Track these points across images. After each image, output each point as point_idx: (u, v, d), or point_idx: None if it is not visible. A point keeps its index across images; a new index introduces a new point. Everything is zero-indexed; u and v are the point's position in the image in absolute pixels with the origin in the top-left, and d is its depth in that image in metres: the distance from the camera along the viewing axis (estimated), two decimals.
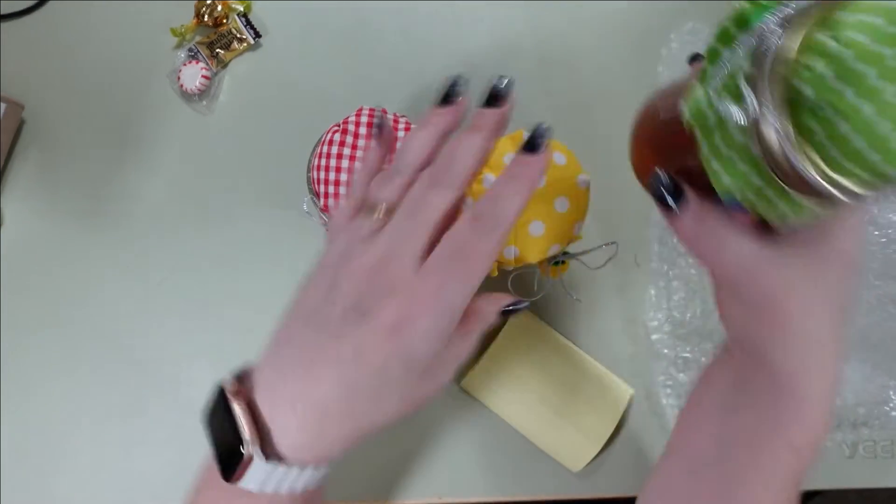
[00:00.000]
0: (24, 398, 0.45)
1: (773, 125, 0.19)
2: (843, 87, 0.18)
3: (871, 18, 0.18)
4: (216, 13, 0.50)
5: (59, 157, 0.49)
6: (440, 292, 0.25)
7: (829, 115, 0.19)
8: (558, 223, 0.35)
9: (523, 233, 0.35)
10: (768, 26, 0.20)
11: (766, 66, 0.19)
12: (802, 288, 0.25)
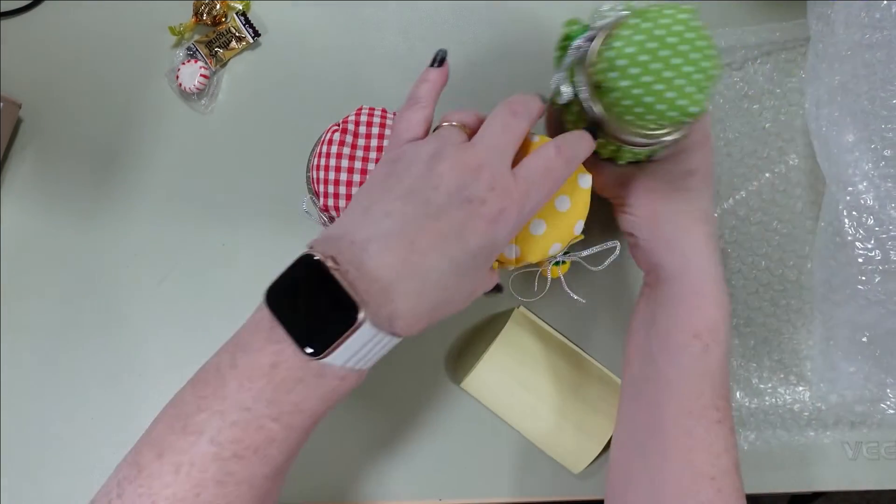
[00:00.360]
0: (23, 398, 0.47)
1: (588, 99, 0.37)
2: (612, 73, 0.35)
3: (631, 34, 0.35)
4: (215, 12, 0.52)
5: (56, 155, 0.51)
6: (528, 197, 0.31)
7: (611, 90, 0.36)
8: (559, 222, 0.36)
9: (524, 232, 0.36)
10: (581, 42, 0.37)
11: (581, 65, 0.37)
12: (671, 213, 0.39)
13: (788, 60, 0.49)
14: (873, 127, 0.39)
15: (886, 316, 0.44)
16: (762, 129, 0.50)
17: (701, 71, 0.35)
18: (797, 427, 0.46)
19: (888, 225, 0.42)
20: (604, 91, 0.37)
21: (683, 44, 0.34)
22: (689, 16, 0.35)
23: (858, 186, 0.41)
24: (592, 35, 0.38)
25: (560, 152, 0.33)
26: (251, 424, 0.29)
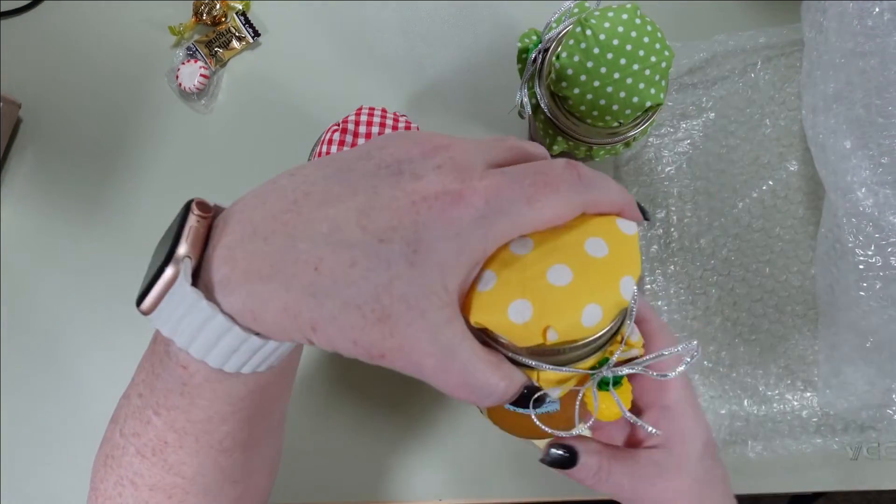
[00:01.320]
0: (23, 398, 0.50)
1: (548, 109, 0.43)
2: (563, 82, 0.41)
3: (576, 42, 0.40)
4: (215, 12, 0.56)
5: (56, 155, 0.54)
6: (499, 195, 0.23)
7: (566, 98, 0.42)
8: (593, 273, 0.24)
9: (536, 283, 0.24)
10: (535, 54, 0.43)
11: (538, 77, 0.43)
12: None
13: (788, 66, 0.53)
14: (870, 134, 0.43)
15: (889, 321, 0.47)
16: (763, 134, 0.53)
17: (650, 66, 0.40)
18: (805, 435, 0.49)
19: (888, 231, 0.45)
20: (561, 99, 0.42)
21: (628, 43, 0.39)
22: (631, 14, 0.40)
23: (857, 193, 0.44)
24: (546, 47, 0.43)
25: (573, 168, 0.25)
26: (142, 414, 0.27)
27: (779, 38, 0.53)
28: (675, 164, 0.53)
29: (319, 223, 0.23)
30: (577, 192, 0.24)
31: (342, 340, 0.23)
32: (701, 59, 0.53)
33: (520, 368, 0.25)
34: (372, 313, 0.22)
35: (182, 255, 0.23)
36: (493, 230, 0.23)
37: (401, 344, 0.22)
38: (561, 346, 0.24)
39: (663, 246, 0.52)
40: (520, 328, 0.23)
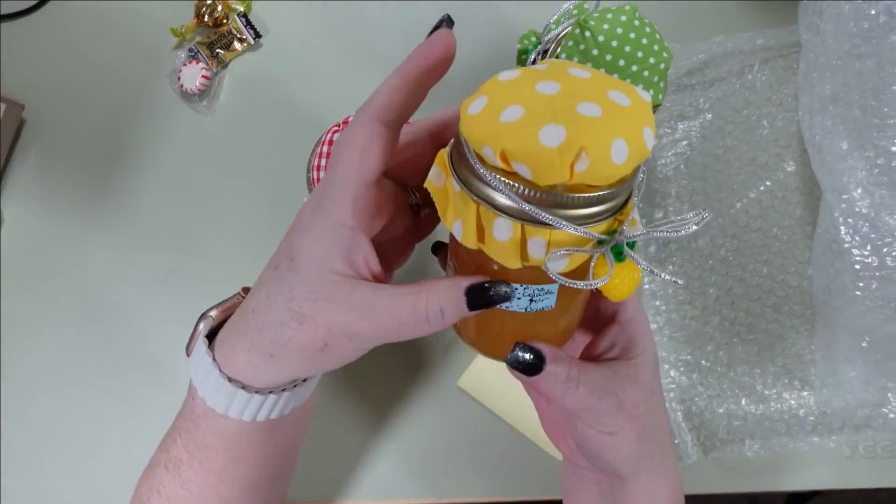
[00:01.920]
0: (24, 398, 0.50)
1: None
2: None
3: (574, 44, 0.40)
4: (216, 13, 0.56)
5: (59, 156, 0.55)
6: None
7: None
8: (619, 113, 0.24)
9: (568, 112, 0.23)
10: (535, 56, 0.44)
11: None
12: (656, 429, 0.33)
13: (785, 67, 0.54)
14: (866, 135, 0.43)
15: (885, 321, 0.47)
16: (760, 135, 0.54)
17: (648, 67, 0.40)
18: (803, 433, 0.50)
19: (883, 231, 0.45)
20: None
21: (627, 44, 0.40)
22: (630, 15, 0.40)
23: (853, 194, 0.45)
24: (545, 48, 0.43)
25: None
26: (172, 434, 0.34)
27: (776, 39, 0.54)
28: (673, 164, 0.54)
29: (255, 288, 0.31)
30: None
31: (292, 353, 0.29)
32: (699, 61, 0.54)
33: (534, 228, 0.24)
34: (293, 321, 0.28)
35: (208, 314, 0.33)
36: (327, 198, 0.28)
37: (327, 330, 0.28)
38: (582, 190, 0.24)
39: (661, 246, 0.53)
40: (551, 154, 0.23)
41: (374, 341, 0.29)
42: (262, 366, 0.30)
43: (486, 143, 0.24)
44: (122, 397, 0.51)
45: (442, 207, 0.27)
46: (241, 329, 0.31)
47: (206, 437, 0.32)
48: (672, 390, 0.50)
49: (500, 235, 0.25)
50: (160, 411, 0.51)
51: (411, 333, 0.28)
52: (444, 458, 0.49)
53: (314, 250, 0.28)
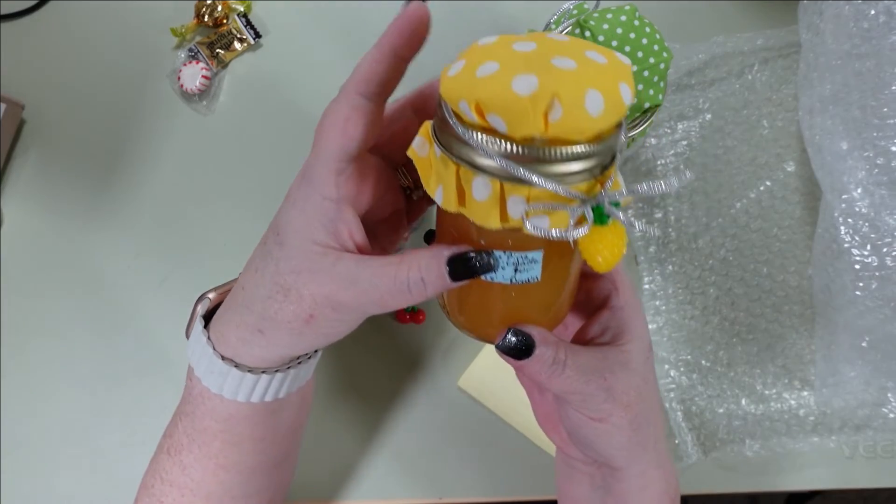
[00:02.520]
0: (24, 398, 0.51)
1: None
2: None
3: None
4: (216, 13, 0.56)
5: (58, 156, 0.55)
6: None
7: None
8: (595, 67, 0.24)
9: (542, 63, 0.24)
10: None
11: None
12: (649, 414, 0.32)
13: (785, 67, 0.54)
14: (866, 135, 0.43)
15: (885, 321, 0.47)
16: (760, 135, 0.54)
17: (648, 67, 0.40)
18: (803, 433, 0.50)
19: (883, 231, 0.46)
20: None
21: (627, 44, 0.40)
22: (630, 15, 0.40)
23: (853, 194, 0.45)
24: None
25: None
26: (174, 419, 0.35)
27: (776, 40, 0.54)
28: (672, 164, 0.54)
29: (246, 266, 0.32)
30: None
31: (279, 326, 0.29)
32: (699, 61, 0.54)
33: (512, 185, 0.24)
34: (279, 294, 0.29)
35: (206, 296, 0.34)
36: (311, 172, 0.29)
37: (312, 301, 0.28)
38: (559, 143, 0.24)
39: (661, 246, 0.53)
40: (523, 102, 0.23)
41: (357, 312, 0.29)
42: (251, 341, 0.30)
43: (462, 97, 0.24)
44: (122, 397, 0.51)
45: (425, 175, 0.27)
46: (231, 305, 0.31)
47: (203, 420, 0.33)
48: (672, 390, 0.50)
49: (479, 195, 0.25)
50: (161, 411, 0.51)
51: (394, 303, 0.28)
52: (444, 458, 0.49)
53: (298, 223, 0.29)
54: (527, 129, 0.23)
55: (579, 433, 0.32)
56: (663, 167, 0.54)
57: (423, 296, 0.28)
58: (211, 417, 0.32)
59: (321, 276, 0.28)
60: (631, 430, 0.31)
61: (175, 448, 0.34)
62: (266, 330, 0.30)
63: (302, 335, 0.30)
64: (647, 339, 0.33)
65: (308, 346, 0.31)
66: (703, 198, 0.53)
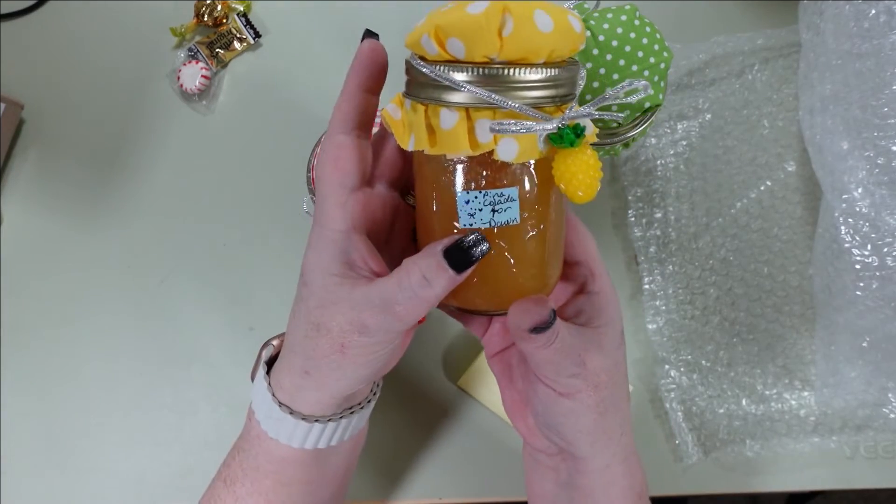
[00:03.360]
0: (24, 398, 0.51)
1: None
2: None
3: None
4: (216, 13, 0.56)
5: (58, 156, 0.55)
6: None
7: None
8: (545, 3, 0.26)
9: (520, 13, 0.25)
10: None
11: None
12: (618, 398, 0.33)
13: (786, 67, 0.54)
14: (866, 135, 0.43)
15: (885, 321, 0.47)
16: (761, 135, 0.54)
17: (648, 67, 0.40)
18: (803, 434, 0.50)
19: (884, 231, 0.46)
20: None
21: (627, 44, 0.40)
22: (630, 15, 0.41)
23: (853, 194, 0.45)
24: None
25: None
26: (233, 451, 0.37)
27: (777, 39, 0.54)
28: (672, 164, 0.54)
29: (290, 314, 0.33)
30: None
31: (320, 364, 0.31)
32: (699, 61, 0.54)
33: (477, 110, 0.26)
34: (312, 331, 0.31)
35: (270, 342, 0.36)
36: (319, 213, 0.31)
37: (339, 330, 0.30)
38: (517, 64, 0.25)
39: (661, 246, 0.53)
40: (478, 18, 0.25)
41: (384, 332, 0.30)
42: (303, 385, 0.32)
43: (423, 32, 0.26)
44: (122, 396, 0.51)
45: (398, 133, 0.29)
46: (284, 353, 0.33)
47: (257, 458, 0.35)
48: (672, 390, 0.50)
49: (446, 124, 0.26)
50: (160, 413, 0.51)
51: (411, 312, 0.29)
52: (444, 458, 0.49)
53: (314, 261, 0.31)
54: (484, 48, 0.25)
55: (547, 412, 0.33)
56: (663, 167, 0.54)
57: (434, 295, 0.28)
58: (265, 458, 0.34)
59: (341, 305, 0.29)
60: (597, 413, 0.32)
61: (231, 479, 0.36)
62: (311, 370, 0.31)
63: (341, 367, 0.31)
64: (620, 325, 0.34)
65: (352, 378, 0.32)
66: (703, 198, 0.53)
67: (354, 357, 0.30)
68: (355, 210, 0.30)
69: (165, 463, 0.50)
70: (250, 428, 0.35)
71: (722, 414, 0.50)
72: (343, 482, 0.39)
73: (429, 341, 0.51)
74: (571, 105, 0.27)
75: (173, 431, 0.50)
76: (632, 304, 0.53)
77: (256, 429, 0.34)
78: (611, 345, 0.33)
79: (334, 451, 0.35)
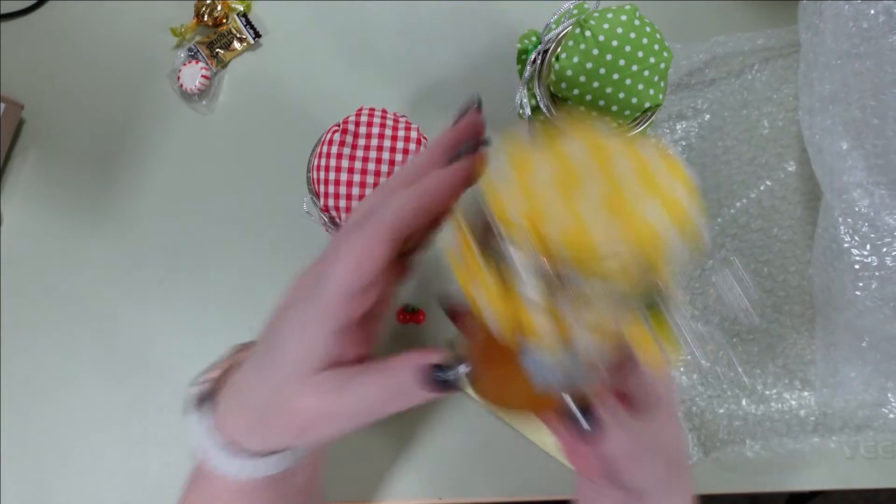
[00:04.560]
0: (24, 399, 0.51)
1: (548, 110, 0.44)
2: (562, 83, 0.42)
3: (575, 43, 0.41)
4: (216, 13, 0.56)
5: (58, 156, 0.55)
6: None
7: (566, 99, 0.42)
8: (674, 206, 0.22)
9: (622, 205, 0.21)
10: (535, 55, 0.44)
11: (538, 78, 0.44)
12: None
13: (785, 67, 0.54)
14: (865, 135, 0.44)
15: (885, 321, 0.47)
16: (760, 135, 0.54)
17: (649, 67, 0.40)
18: (803, 434, 0.50)
19: (883, 231, 0.46)
20: (561, 100, 0.43)
21: (627, 44, 0.40)
22: (630, 15, 0.41)
23: (853, 194, 0.45)
24: (545, 48, 0.43)
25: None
26: (185, 493, 0.35)
27: (776, 39, 0.54)
28: None
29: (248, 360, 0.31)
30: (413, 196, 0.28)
31: (275, 431, 0.30)
32: (699, 61, 0.54)
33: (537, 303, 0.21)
34: (272, 405, 0.29)
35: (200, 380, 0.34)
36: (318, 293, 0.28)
37: (304, 414, 0.28)
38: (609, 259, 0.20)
39: None
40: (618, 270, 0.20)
41: (352, 421, 0.29)
42: (249, 436, 0.31)
43: (542, 255, 0.21)
44: (122, 397, 0.51)
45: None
46: (231, 395, 0.31)
47: (213, 492, 0.33)
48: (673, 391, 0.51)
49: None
50: (159, 413, 0.51)
51: (386, 411, 0.28)
52: (445, 457, 0.50)
53: (295, 346, 0.29)
54: (578, 246, 0.20)
55: (617, 476, 0.31)
56: None
57: (415, 402, 0.28)
58: (222, 488, 0.33)
59: (313, 395, 0.28)
60: (667, 471, 0.31)
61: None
62: (262, 434, 0.30)
63: (299, 439, 0.30)
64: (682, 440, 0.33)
65: (310, 445, 0.31)
66: (703, 198, 0.53)
67: (315, 435, 0.30)
68: (355, 310, 0.28)
69: (165, 463, 0.50)
70: (198, 463, 0.33)
71: (722, 414, 0.51)
72: (314, 490, 0.38)
73: (429, 341, 0.52)
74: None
75: (173, 431, 0.50)
76: None
77: (206, 465, 0.32)
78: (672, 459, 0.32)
79: (296, 470, 0.34)
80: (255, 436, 0.30)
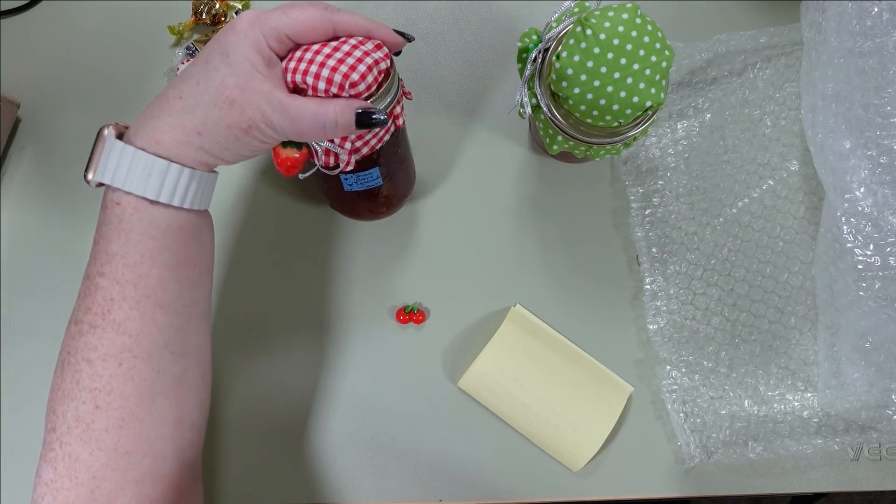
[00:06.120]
0: (23, 398, 0.51)
1: (549, 108, 0.44)
2: (563, 82, 0.42)
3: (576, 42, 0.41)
4: (214, 11, 0.56)
5: (55, 154, 0.55)
6: (258, 13, 0.36)
7: (567, 98, 0.42)
8: None
9: None
10: (535, 54, 0.44)
11: (539, 77, 0.44)
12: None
13: (788, 66, 0.54)
14: (869, 134, 0.44)
15: (888, 321, 0.47)
16: (763, 134, 0.54)
17: (650, 66, 0.40)
18: (806, 435, 0.50)
19: (886, 231, 0.46)
20: (562, 99, 0.43)
21: (628, 42, 0.40)
22: (631, 14, 0.41)
23: (856, 193, 0.45)
24: (546, 46, 0.43)
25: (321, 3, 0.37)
26: (90, 285, 0.36)
27: (779, 37, 0.54)
28: (673, 163, 0.54)
29: (178, 81, 0.37)
30: (323, 10, 0.36)
31: (219, 129, 0.35)
32: (701, 59, 0.54)
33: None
34: (224, 103, 0.34)
35: (107, 126, 0.36)
36: (264, 24, 0.35)
37: (252, 115, 0.35)
38: None
39: (662, 246, 0.53)
40: None
41: (282, 135, 0.36)
42: (189, 142, 0.35)
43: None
44: None
45: None
46: (164, 113, 0.35)
47: (141, 244, 0.35)
48: (674, 391, 0.51)
49: None
50: None
51: (310, 136, 0.36)
52: (445, 459, 0.49)
53: (247, 51, 0.35)
54: None
55: None
56: (664, 166, 0.54)
57: (333, 135, 0.36)
58: (149, 235, 0.35)
59: (261, 97, 0.34)
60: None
61: (102, 313, 0.35)
62: (206, 132, 0.35)
63: (238, 140, 0.35)
64: None
65: (236, 153, 0.36)
66: (704, 197, 0.53)
67: (251, 139, 0.35)
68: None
69: None
70: (121, 214, 0.35)
71: (724, 415, 0.50)
72: (208, 279, 0.40)
73: (429, 342, 0.52)
74: None
75: None
76: (633, 304, 0.53)
77: (132, 203, 0.34)
78: None
79: (203, 228, 0.38)
80: (194, 142, 0.35)
